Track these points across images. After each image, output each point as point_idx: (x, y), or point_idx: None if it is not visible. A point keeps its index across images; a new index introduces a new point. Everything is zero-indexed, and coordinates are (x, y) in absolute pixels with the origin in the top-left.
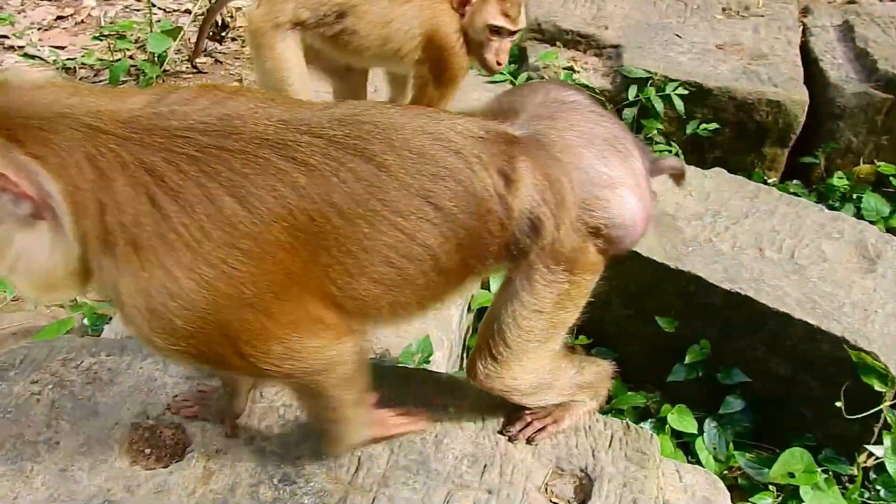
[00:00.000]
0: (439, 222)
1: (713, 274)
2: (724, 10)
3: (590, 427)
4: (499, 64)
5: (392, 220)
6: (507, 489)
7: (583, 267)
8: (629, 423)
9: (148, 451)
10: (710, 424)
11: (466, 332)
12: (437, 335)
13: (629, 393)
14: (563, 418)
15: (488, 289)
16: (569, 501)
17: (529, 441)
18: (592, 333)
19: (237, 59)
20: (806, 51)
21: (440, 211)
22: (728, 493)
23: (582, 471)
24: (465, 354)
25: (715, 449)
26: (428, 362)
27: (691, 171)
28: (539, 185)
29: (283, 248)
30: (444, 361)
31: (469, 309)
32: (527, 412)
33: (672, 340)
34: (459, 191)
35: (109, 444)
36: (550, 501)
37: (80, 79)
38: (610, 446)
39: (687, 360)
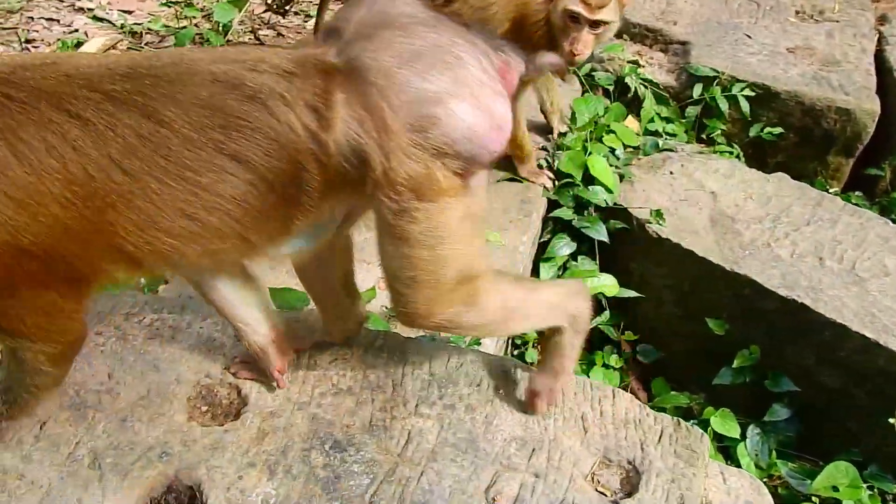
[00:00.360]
0: (239, 172)
1: (770, 279)
2: (797, 13)
3: (639, 420)
4: (574, 55)
5: (183, 175)
6: (553, 474)
7: (436, 192)
8: (679, 420)
9: (204, 408)
10: (753, 430)
11: None
12: None
13: (672, 392)
14: (558, 369)
15: (538, 275)
16: (615, 492)
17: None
18: (639, 330)
19: (298, 33)
20: (881, 60)
21: (237, 161)
22: (772, 500)
23: (629, 463)
24: (513, 340)
25: (757, 455)
26: (478, 343)
27: (752, 175)
28: (357, 116)
29: (59, 202)
30: (492, 344)
31: None
32: (528, 388)
33: (720, 343)
34: (259, 138)
35: (168, 398)
36: (596, 490)
37: (146, 44)
38: (659, 441)
39: (735, 363)
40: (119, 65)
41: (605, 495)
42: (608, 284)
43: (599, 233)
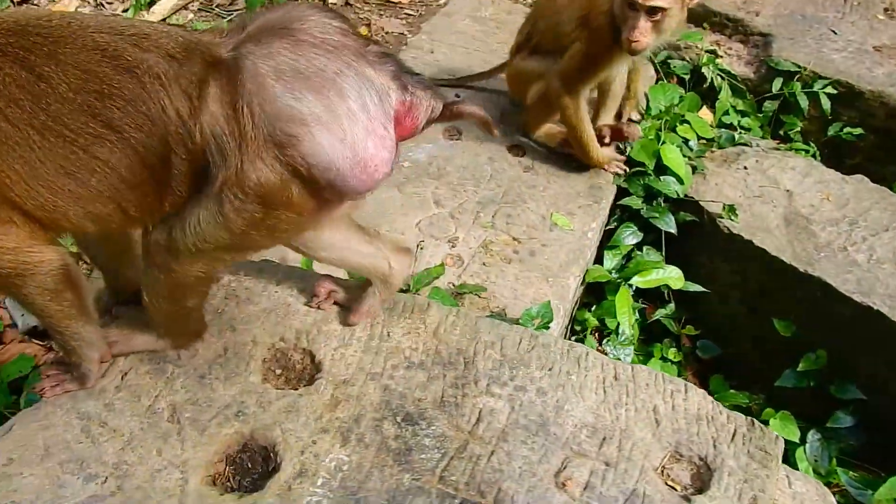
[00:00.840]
0: (113, 140)
1: (844, 284)
2: (886, 10)
3: (712, 417)
4: (631, 42)
5: (62, 133)
6: (624, 464)
7: (280, 204)
8: (754, 420)
9: (278, 371)
10: (813, 436)
11: (575, 304)
12: (555, 303)
13: (731, 391)
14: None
15: (602, 263)
16: (685, 487)
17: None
18: (701, 325)
19: (366, 3)
20: None
21: (112, 129)
22: None
23: (701, 459)
24: (572, 326)
25: (816, 461)
26: (547, 328)
27: (830, 175)
28: (223, 112)
29: None
30: (556, 329)
31: (583, 281)
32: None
33: (785, 345)
34: (131, 111)
35: (244, 359)
36: (666, 484)
37: (217, 6)
38: (732, 440)
39: (800, 367)
40: (6, 20)
41: (676, 489)
42: (674, 277)
43: (668, 224)
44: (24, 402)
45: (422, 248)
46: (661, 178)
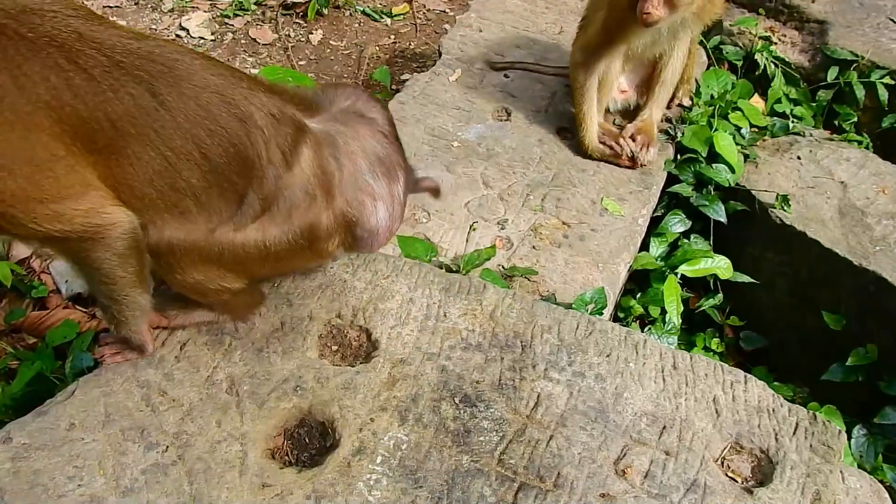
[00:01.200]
0: (206, 170)
1: None
2: None
3: (773, 410)
4: (644, 14)
5: (162, 151)
6: (685, 454)
7: (318, 246)
8: (816, 413)
9: (335, 348)
10: (859, 431)
11: (620, 290)
12: (606, 289)
13: (775, 383)
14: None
15: (647, 250)
16: (746, 479)
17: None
18: (745, 316)
19: None
20: None
21: (208, 160)
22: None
23: (763, 452)
24: (616, 313)
25: (862, 457)
26: (601, 314)
27: (886, 167)
28: (314, 172)
29: (48, 133)
30: (606, 315)
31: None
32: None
33: (834, 338)
34: (231, 152)
35: (301, 333)
36: (727, 475)
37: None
38: (794, 434)
39: (849, 361)
40: (132, 42)
41: (737, 481)
42: (722, 267)
43: (717, 213)
44: (70, 366)
45: (475, 230)
46: (713, 165)
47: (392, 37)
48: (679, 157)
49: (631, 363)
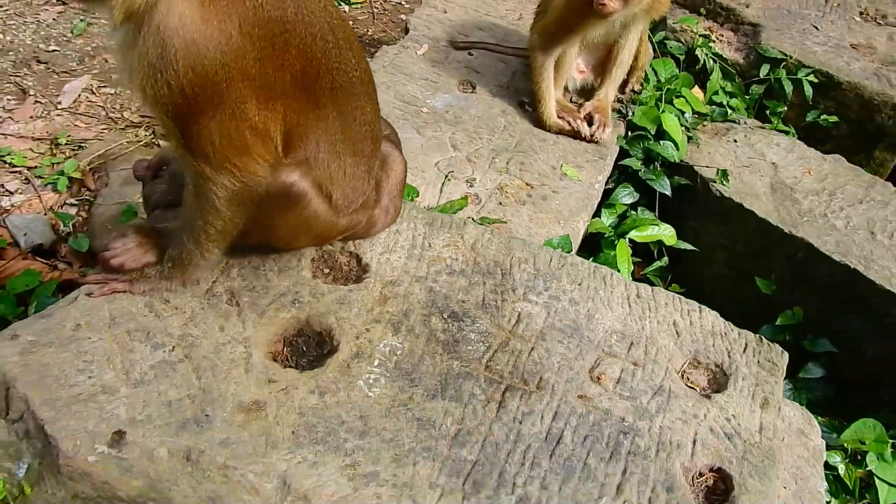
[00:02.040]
0: (360, 156)
1: (825, 245)
2: (861, 13)
3: (725, 333)
4: (601, 6)
5: (356, 115)
6: (651, 365)
7: (339, 235)
8: (762, 337)
9: (326, 270)
10: (786, 385)
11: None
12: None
13: None
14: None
15: (600, 217)
16: (703, 389)
17: None
18: (688, 283)
19: None
20: None
21: (364, 156)
22: (820, 430)
23: (717, 366)
24: None
25: None
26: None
27: (811, 153)
28: (378, 177)
29: (289, 68)
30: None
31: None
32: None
33: (765, 303)
34: (369, 143)
35: (295, 255)
36: (687, 385)
37: None
38: (744, 352)
39: (778, 322)
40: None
41: (695, 390)
42: (667, 234)
43: (663, 186)
44: (33, 312)
45: (450, 180)
46: (661, 142)
47: (350, 23)
48: (629, 133)
49: (600, 291)
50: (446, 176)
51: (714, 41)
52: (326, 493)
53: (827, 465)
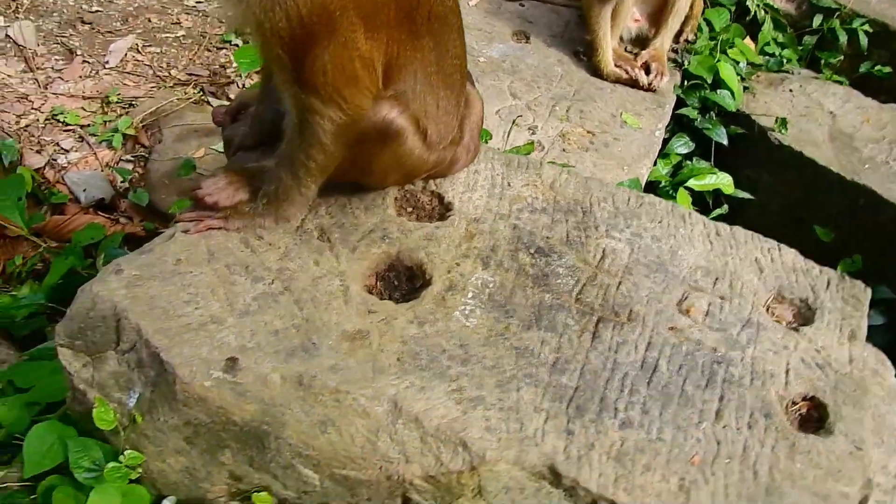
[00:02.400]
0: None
1: (888, 192)
2: None
3: (807, 270)
4: None
5: (448, 47)
6: (737, 299)
7: (424, 173)
8: (844, 273)
9: (410, 209)
10: None
11: None
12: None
13: None
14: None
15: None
16: (788, 322)
17: None
18: None
19: None
20: None
21: (444, 75)
22: (893, 369)
23: (802, 301)
24: None
25: None
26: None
27: (868, 102)
28: (462, 114)
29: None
30: None
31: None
32: None
33: (823, 251)
34: (457, 76)
35: (380, 194)
36: (773, 319)
37: None
38: (828, 288)
39: (837, 270)
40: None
41: (782, 324)
42: (725, 183)
43: (720, 136)
44: (102, 263)
45: (517, 125)
46: (717, 91)
47: None
48: (685, 83)
49: (680, 229)
50: (513, 121)
51: None
52: (437, 415)
53: None
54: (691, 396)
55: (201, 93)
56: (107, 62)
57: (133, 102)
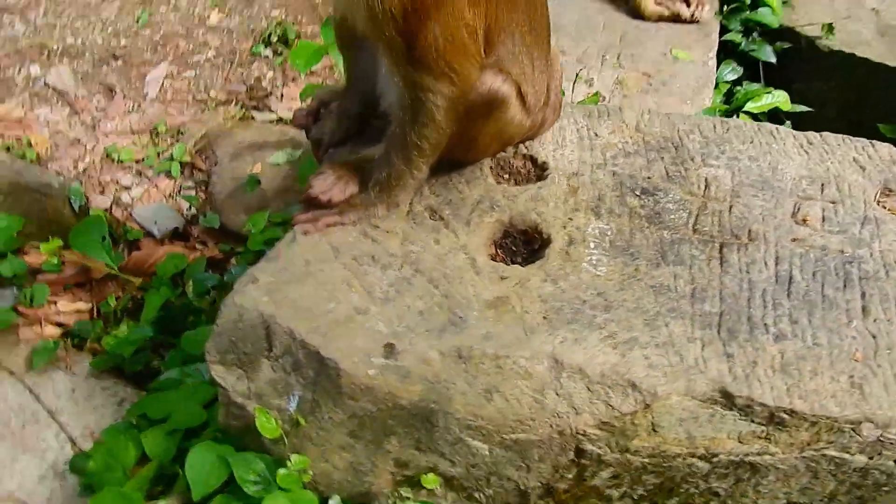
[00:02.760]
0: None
1: None
2: None
3: None
4: None
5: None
6: (848, 200)
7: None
8: None
9: (506, 176)
10: None
11: None
12: None
13: None
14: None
15: None
16: None
17: None
18: None
19: None
20: None
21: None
22: None
23: None
24: None
25: None
26: None
27: None
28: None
29: None
30: None
31: None
32: None
33: None
34: (544, 32)
35: (477, 166)
36: (887, 212)
37: None
38: None
39: None
40: None
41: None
42: (781, 100)
43: (767, 54)
44: (193, 289)
45: (580, 78)
46: (758, 10)
47: None
48: (724, 8)
49: (773, 144)
50: (577, 74)
51: None
52: (597, 362)
53: None
54: (833, 299)
55: (243, 109)
56: (146, 94)
57: (181, 129)
